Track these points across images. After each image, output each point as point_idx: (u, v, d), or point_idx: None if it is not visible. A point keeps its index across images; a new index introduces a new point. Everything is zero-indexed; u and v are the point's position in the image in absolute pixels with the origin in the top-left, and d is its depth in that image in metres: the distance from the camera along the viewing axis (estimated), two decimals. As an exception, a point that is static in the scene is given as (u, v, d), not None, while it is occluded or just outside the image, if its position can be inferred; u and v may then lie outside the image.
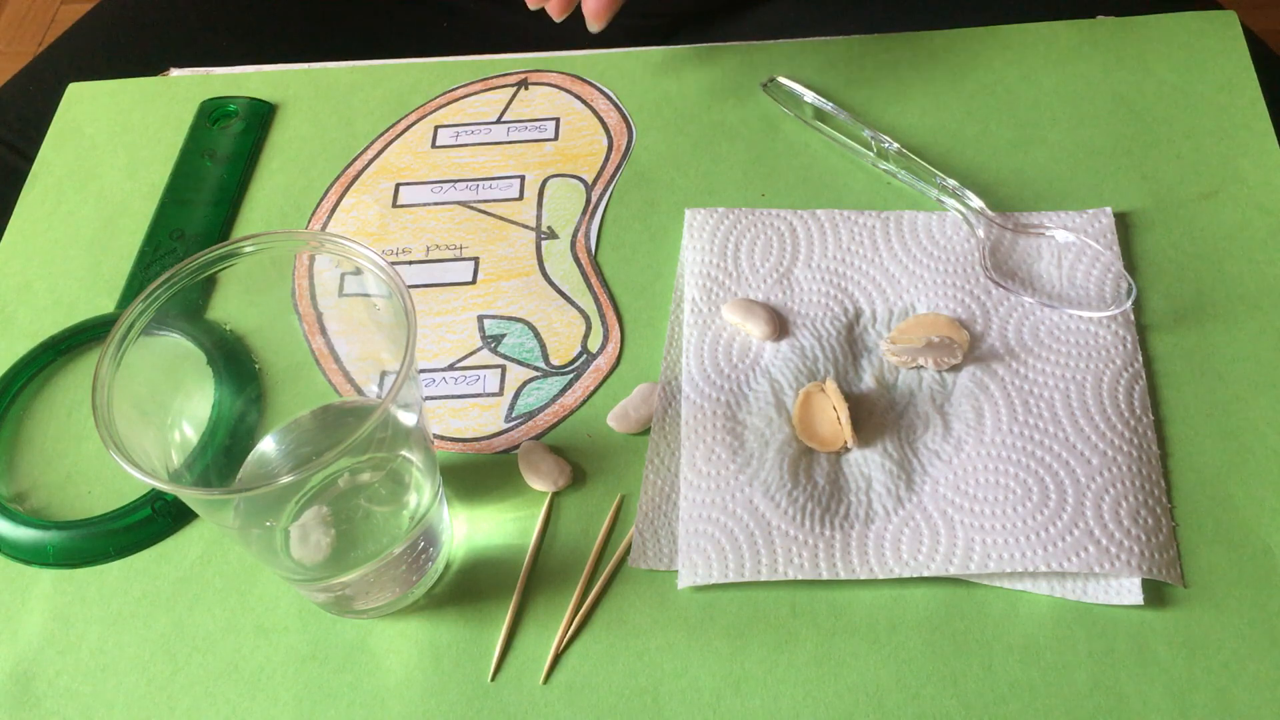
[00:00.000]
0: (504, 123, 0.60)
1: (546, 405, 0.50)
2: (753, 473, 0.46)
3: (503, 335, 0.52)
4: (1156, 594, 0.43)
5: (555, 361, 0.51)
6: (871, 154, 0.55)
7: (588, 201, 0.56)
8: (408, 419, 0.39)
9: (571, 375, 0.50)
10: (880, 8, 0.73)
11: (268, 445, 0.44)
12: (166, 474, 0.39)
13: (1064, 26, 0.60)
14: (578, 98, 0.60)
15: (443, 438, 0.49)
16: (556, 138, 0.59)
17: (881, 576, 0.43)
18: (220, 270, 0.40)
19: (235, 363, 0.45)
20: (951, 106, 0.58)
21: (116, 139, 0.61)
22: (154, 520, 0.47)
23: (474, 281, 0.54)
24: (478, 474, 0.48)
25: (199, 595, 0.46)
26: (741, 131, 0.58)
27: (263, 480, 0.41)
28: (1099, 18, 0.60)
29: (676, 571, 0.44)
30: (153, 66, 0.65)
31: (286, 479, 0.34)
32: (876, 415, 0.47)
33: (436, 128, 0.60)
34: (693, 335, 0.50)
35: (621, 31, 0.77)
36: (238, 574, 0.46)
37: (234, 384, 0.45)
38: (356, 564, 0.42)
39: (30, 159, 0.61)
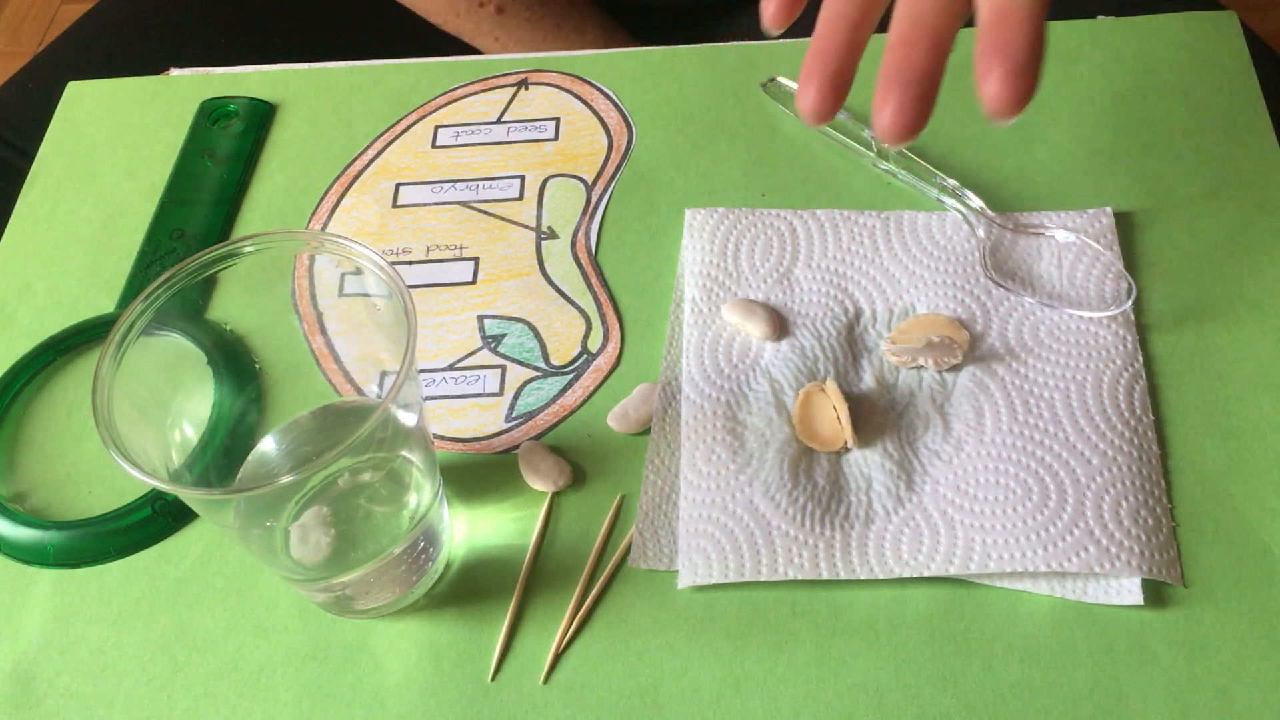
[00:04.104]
0: (504, 123, 0.60)
1: (546, 405, 0.50)
2: (753, 473, 0.46)
3: (503, 335, 0.52)
4: (1156, 594, 0.43)
5: (555, 361, 0.51)
6: (871, 154, 0.55)
7: (588, 201, 0.56)
8: (408, 419, 0.39)
9: (571, 375, 0.50)
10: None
11: (268, 445, 0.44)
12: (166, 474, 0.39)
13: (1064, 26, 0.60)
14: (578, 98, 0.60)
15: (443, 438, 0.49)
16: (556, 138, 0.59)
17: (881, 576, 0.43)
18: (220, 270, 0.40)
19: (235, 363, 0.45)
20: (951, 106, 0.58)
21: (116, 139, 0.61)
22: (154, 520, 0.47)
23: (474, 281, 0.54)
24: (478, 474, 0.48)
25: (199, 595, 0.46)
26: (741, 131, 0.58)
27: (263, 480, 0.42)
28: (1099, 18, 0.60)
29: (676, 571, 0.44)
30: (153, 66, 0.65)
31: (286, 479, 0.34)
32: (876, 415, 0.47)
33: (436, 128, 0.60)
34: (693, 335, 0.50)
35: (621, 31, 0.77)
36: (238, 574, 0.46)
37: (234, 384, 0.45)
38: (356, 564, 0.42)
39: (30, 158, 0.61)
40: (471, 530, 0.46)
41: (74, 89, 0.64)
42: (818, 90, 0.35)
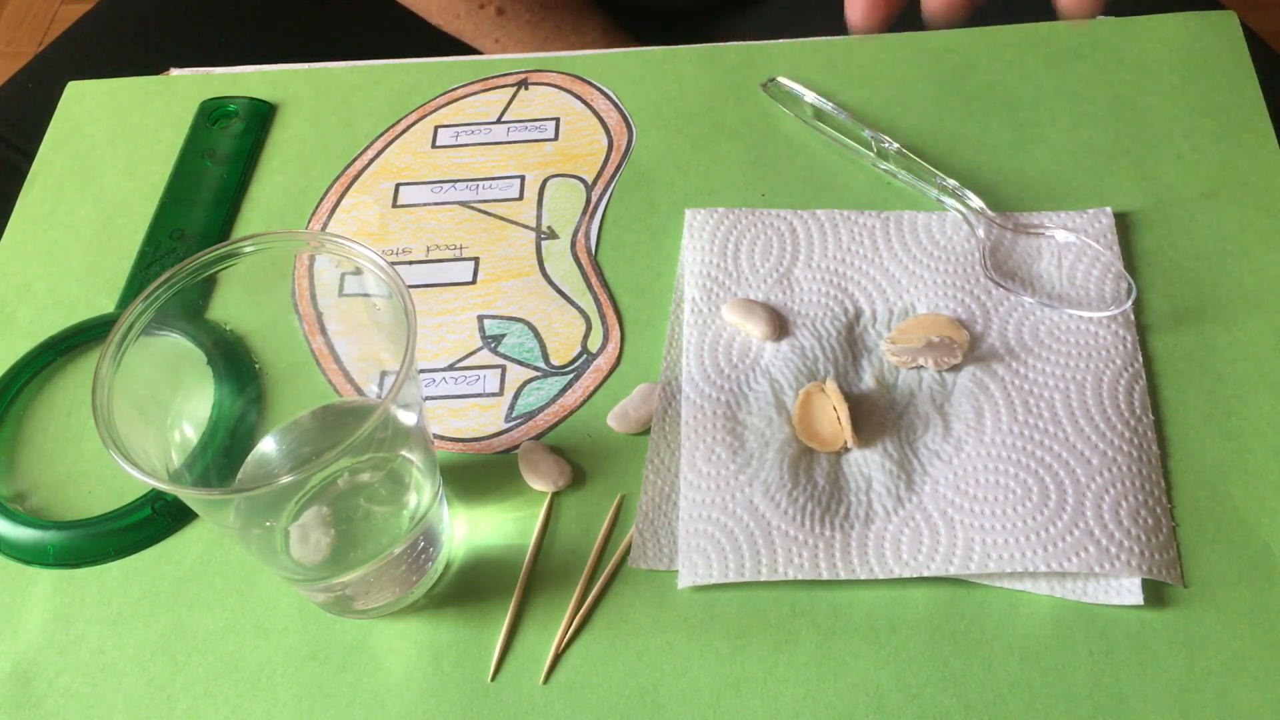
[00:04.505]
0: (504, 123, 0.60)
1: (546, 405, 0.50)
2: (753, 473, 0.46)
3: (503, 335, 0.52)
4: (1156, 594, 0.43)
5: (555, 361, 0.51)
6: (871, 154, 0.55)
7: (588, 201, 0.56)
8: (408, 419, 0.39)
9: (571, 375, 0.50)
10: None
11: (268, 445, 0.44)
12: (166, 474, 0.39)
13: (1064, 26, 0.60)
14: (578, 98, 0.60)
15: (443, 438, 0.49)
16: (556, 138, 0.59)
17: (881, 576, 0.43)
18: (220, 270, 0.40)
19: (235, 363, 0.45)
20: (951, 106, 0.58)
21: (116, 139, 0.61)
22: (154, 520, 0.47)
23: (474, 281, 0.54)
24: (478, 474, 0.48)
25: (199, 595, 0.46)
26: (741, 131, 0.58)
27: (263, 480, 0.42)
28: (1099, 18, 0.60)
29: (676, 571, 0.44)
30: (153, 66, 0.65)
31: (286, 479, 0.34)
32: (876, 415, 0.47)
33: (436, 128, 0.60)
34: (693, 335, 0.50)
35: (621, 33, 0.77)
36: (238, 574, 0.46)
37: (234, 384, 0.45)
38: (356, 564, 0.42)
39: (30, 158, 0.61)
40: (471, 530, 0.46)
41: (74, 89, 0.64)
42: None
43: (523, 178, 0.57)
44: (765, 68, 0.60)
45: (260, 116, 0.61)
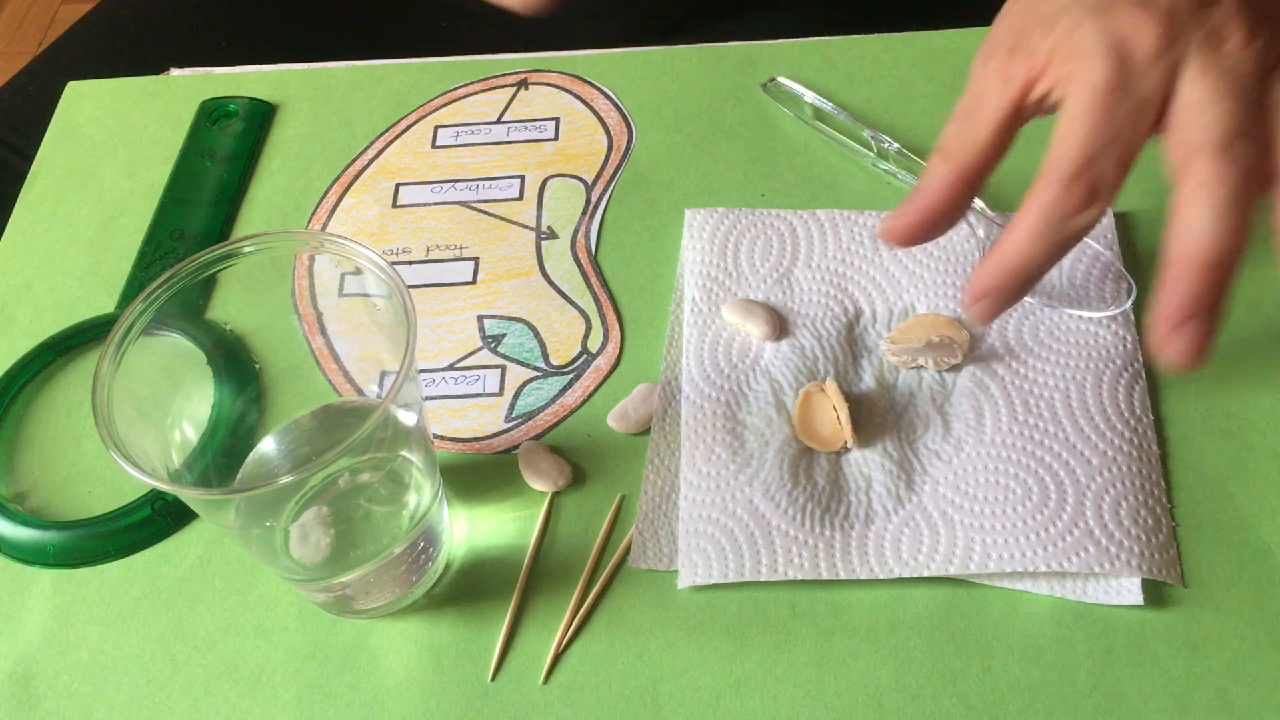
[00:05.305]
0: (504, 123, 0.60)
1: (546, 405, 0.50)
2: (753, 473, 0.46)
3: (503, 335, 0.52)
4: (1156, 594, 0.43)
5: (555, 361, 0.51)
6: (871, 154, 0.55)
7: (588, 201, 0.56)
8: (408, 419, 0.39)
9: (571, 375, 0.50)
10: (880, 8, 0.73)
11: (268, 445, 0.44)
12: (166, 474, 0.39)
13: (1064, 26, 0.60)
14: (578, 98, 0.60)
15: (443, 438, 0.49)
16: (556, 138, 0.59)
17: (881, 576, 0.43)
18: (220, 270, 0.40)
19: (235, 363, 0.45)
20: (951, 106, 0.58)
21: (116, 139, 0.61)
22: (154, 520, 0.47)
23: (474, 281, 0.54)
24: (478, 474, 0.48)
25: (199, 595, 0.46)
26: (741, 131, 0.58)
27: (263, 480, 0.41)
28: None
29: (676, 571, 0.44)
30: (153, 66, 0.65)
31: (286, 479, 0.34)
32: (876, 415, 0.47)
33: (436, 128, 0.60)
34: (693, 335, 0.50)
35: (621, 31, 0.77)
36: (238, 574, 0.46)
37: (234, 384, 0.45)
38: (356, 564, 0.42)
39: (30, 158, 0.61)
40: (471, 530, 0.46)
41: (74, 89, 0.64)
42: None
43: (523, 178, 0.57)
44: (765, 68, 0.60)
45: (260, 116, 0.61)
